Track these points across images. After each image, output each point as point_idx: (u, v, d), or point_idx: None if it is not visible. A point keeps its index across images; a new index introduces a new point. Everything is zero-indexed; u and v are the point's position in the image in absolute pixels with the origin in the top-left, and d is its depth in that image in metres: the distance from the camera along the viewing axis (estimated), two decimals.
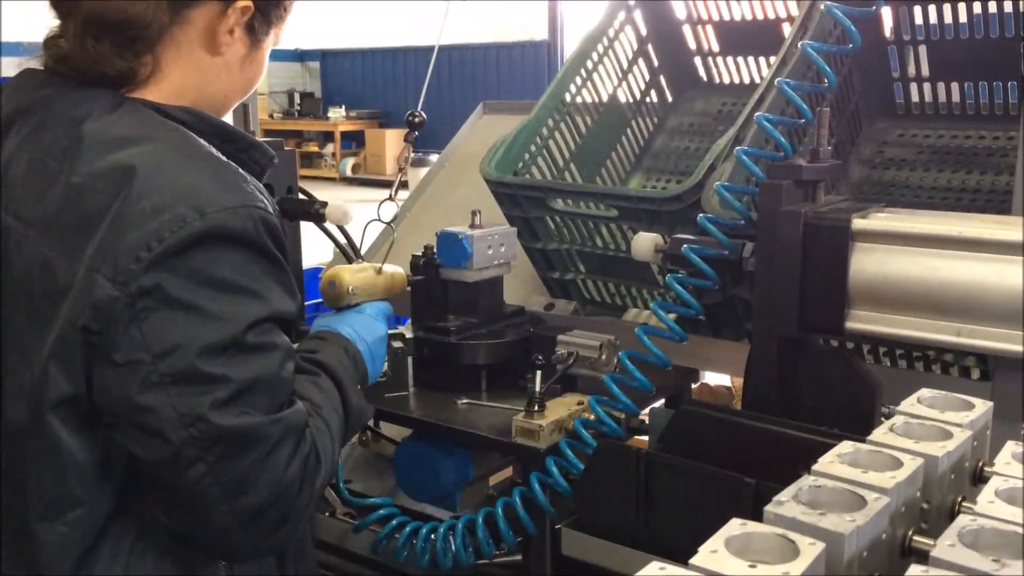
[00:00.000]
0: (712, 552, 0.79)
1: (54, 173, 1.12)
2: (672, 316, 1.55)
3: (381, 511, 1.70)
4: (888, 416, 1.37)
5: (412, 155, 1.81)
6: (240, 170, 1.15)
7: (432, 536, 1.61)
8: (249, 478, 1.08)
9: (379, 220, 1.72)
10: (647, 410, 1.63)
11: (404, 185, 1.80)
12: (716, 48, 2.42)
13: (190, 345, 1.03)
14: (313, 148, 15.56)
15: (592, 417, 1.54)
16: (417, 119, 1.78)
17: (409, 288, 1.73)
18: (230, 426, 1.05)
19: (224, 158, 1.16)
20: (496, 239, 1.80)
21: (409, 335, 1.78)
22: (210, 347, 1.04)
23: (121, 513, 1.14)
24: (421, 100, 1.92)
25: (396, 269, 1.66)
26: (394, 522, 1.68)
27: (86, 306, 1.05)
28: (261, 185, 1.19)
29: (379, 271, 1.61)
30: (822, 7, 1.62)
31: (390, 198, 1.74)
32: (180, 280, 1.04)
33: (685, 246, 1.55)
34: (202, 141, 1.16)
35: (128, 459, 1.11)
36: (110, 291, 1.03)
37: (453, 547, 1.59)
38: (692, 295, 1.52)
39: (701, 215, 1.57)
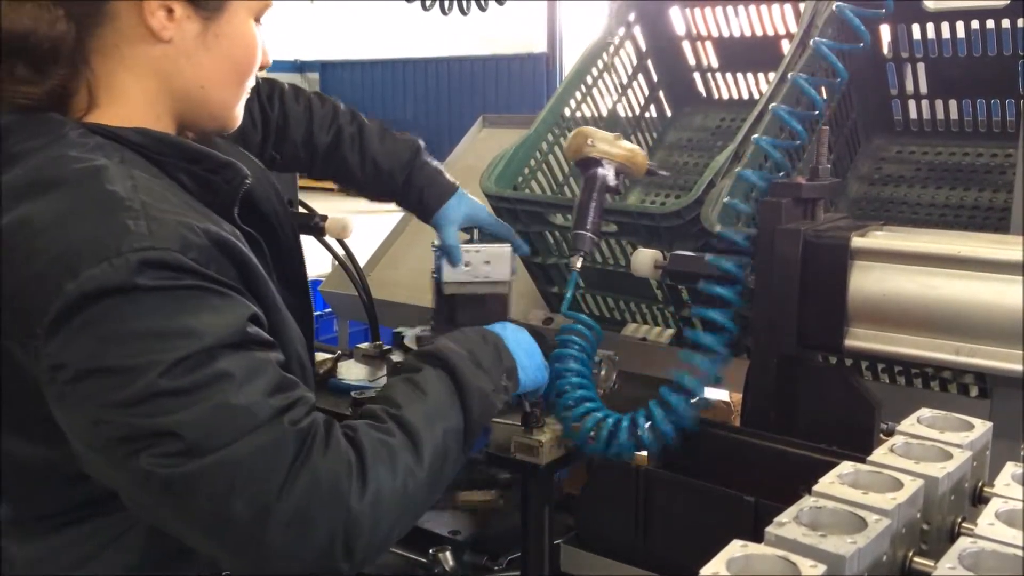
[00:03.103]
0: (713, 574, 0.78)
1: None
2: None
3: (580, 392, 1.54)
4: (887, 433, 1.38)
5: None
6: (147, 200, 1.03)
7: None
8: (230, 516, 0.99)
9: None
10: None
11: None
12: (715, 64, 2.42)
13: (111, 408, 0.96)
14: None
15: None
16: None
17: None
18: (181, 474, 0.97)
19: (147, 188, 1.04)
20: (478, 255, 1.79)
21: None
22: (129, 403, 0.96)
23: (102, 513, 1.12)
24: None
25: (639, 149, 1.67)
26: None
27: (22, 377, 1.02)
28: (196, 215, 1.06)
29: (620, 138, 1.63)
30: (811, 43, 1.63)
31: None
32: (77, 348, 0.97)
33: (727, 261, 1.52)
34: (128, 172, 1.05)
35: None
36: (29, 364, 1.00)
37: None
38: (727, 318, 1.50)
39: (720, 229, 1.57)
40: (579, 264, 1.60)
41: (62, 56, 1.08)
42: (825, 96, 1.63)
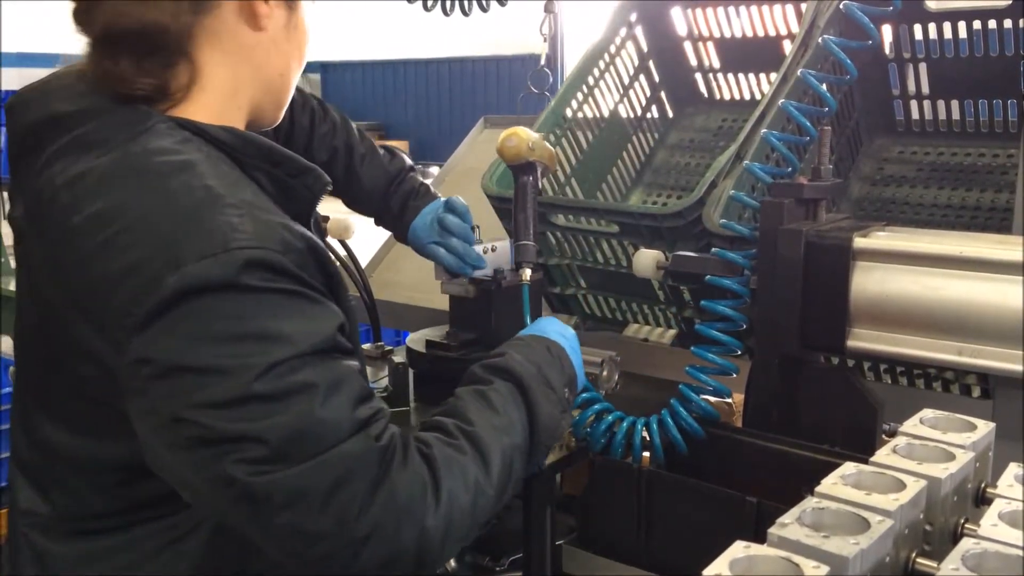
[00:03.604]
0: (716, 575, 0.78)
1: (61, 210, 1.04)
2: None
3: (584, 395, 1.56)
4: (889, 434, 1.37)
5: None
6: (247, 198, 1.02)
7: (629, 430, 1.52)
8: (305, 529, 0.96)
9: None
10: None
11: None
12: (717, 64, 2.42)
13: (199, 408, 0.94)
14: None
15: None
16: None
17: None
18: (261, 483, 0.94)
19: (236, 186, 1.03)
20: (493, 251, 1.79)
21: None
22: (219, 405, 0.93)
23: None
24: None
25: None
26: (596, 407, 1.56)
27: (95, 368, 1.01)
28: (288, 217, 1.04)
29: (544, 137, 1.63)
30: (820, 40, 1.63)
31: None
32: (170, 343, 0.94)
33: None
34: (217, 168, 1.04)
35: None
36: (111, 359, 0.98)
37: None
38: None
39: (723, 221, 1.58)
40: (529, 276, 1.57)
41: (173, 49, 1.07)
42: (831, 94, 1.62)
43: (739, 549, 0.82)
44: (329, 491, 0.96)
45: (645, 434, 1.50)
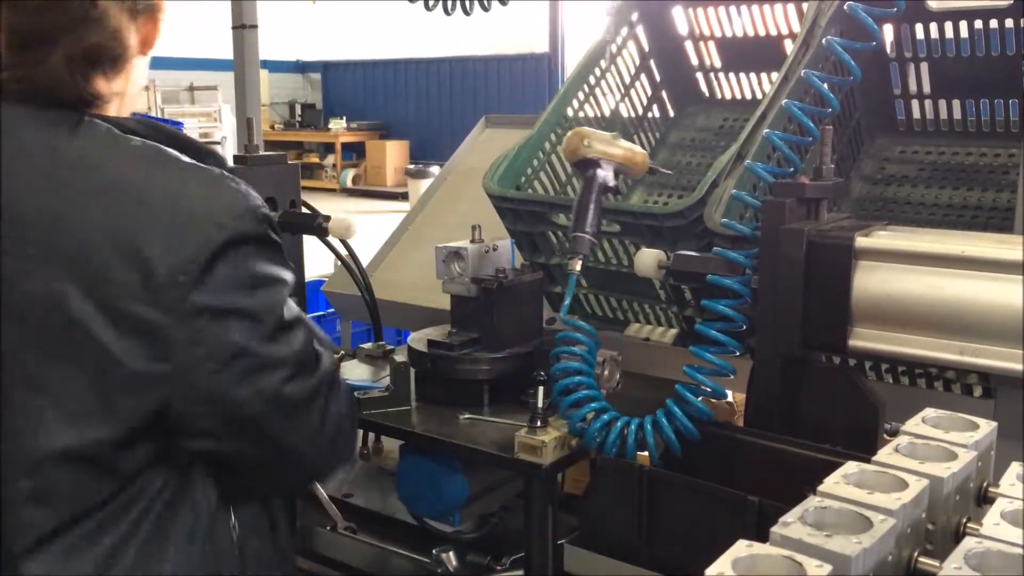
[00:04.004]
0: (719, 574, 0.78)
1: (39, 199, 1.10)
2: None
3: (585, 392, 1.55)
4: (891, 433, 1.37)
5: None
6: (223, 171, 1.19)
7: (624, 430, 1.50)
8: (320, 420, 1.25)
9: None
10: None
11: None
12: (718, 64, 2.42)
13: (250, 343, 1.14)
14: (314, 159, 15.59)
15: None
16: None
17: None
18: (298, 392, 1.20)
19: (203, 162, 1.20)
20: (491, 250, 1.79)
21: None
22: (265, 337, 1.15)
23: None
24: None
25: (638, 148, 1.69)
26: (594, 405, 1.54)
27: (126, 338, 1.08)
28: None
29: (618, 137, 1.64)
30: (824, 41, 1.63)
31: None
32: (219, 292, 1.11)
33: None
34: (174, 151, 1.18)
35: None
36: (157, 318, 1.08)
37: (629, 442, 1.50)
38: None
39: (725, 220, 1.58)
40: (578, 267, 1.60)
41: (125, 64, 1.21)
42: (833, 94, 1.62)
43: (741, 548, 0.82)
44: (330, 389, 1.26)
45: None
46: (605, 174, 1.63)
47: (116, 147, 1.15)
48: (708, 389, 1.50)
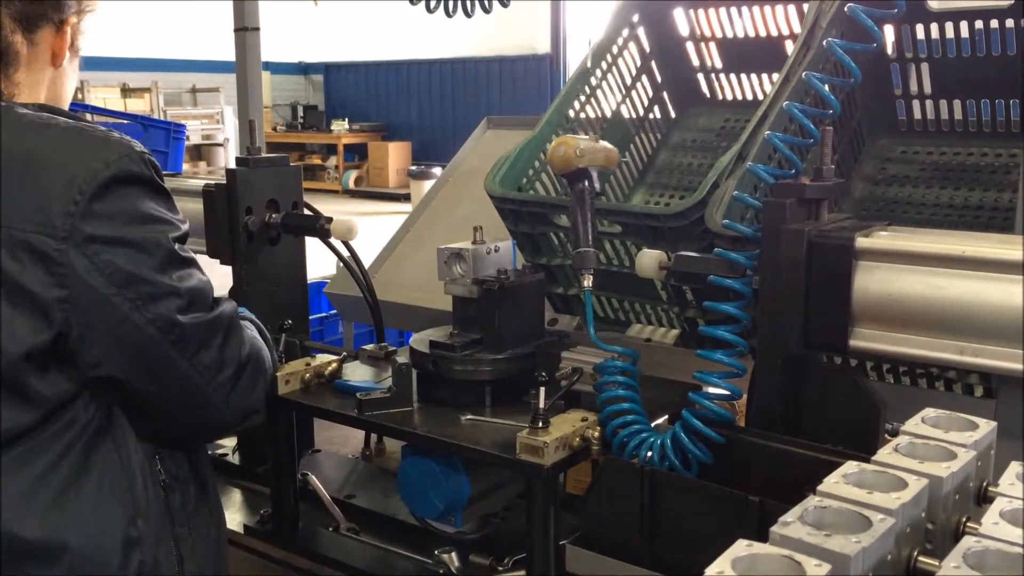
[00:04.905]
0: (718, 573, 0.79)
1: None
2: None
3: (625, 405, 1.57)
4: (892, 433, 1.38)
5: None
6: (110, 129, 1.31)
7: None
8: (219, 360, 1.33)
9: None
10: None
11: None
12: (719, 65, 2.43)
13: (141, 270, 1.24)
14: (316, 160, 15.60)
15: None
16: None
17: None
18: (194, 323, 1.29)
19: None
20: (492, 252, 1.79)
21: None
22: (156, 267, 1.25)
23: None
24: None
25: (609, 144, 1.69)
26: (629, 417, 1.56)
27: (28, 268, 1.18)
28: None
29: (598, 140, 1.64)
30: (825, 43, 1.63)
31: None
32: (108, 222, 1.22)
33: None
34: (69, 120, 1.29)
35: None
36: (53, 245, 1.19)
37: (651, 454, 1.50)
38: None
39: (726, 221, 1.58)
40: (589, 282, 1.59)
41: (15, 68, 1.35)
42: (834, 95, 1.62)
43: (741, 548, 0.82)
44: (228, 331, 1.35)
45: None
46: (593, 180, 1.63)
47: (11, 115, 1.28)
48: (724, 392, 1.50)
